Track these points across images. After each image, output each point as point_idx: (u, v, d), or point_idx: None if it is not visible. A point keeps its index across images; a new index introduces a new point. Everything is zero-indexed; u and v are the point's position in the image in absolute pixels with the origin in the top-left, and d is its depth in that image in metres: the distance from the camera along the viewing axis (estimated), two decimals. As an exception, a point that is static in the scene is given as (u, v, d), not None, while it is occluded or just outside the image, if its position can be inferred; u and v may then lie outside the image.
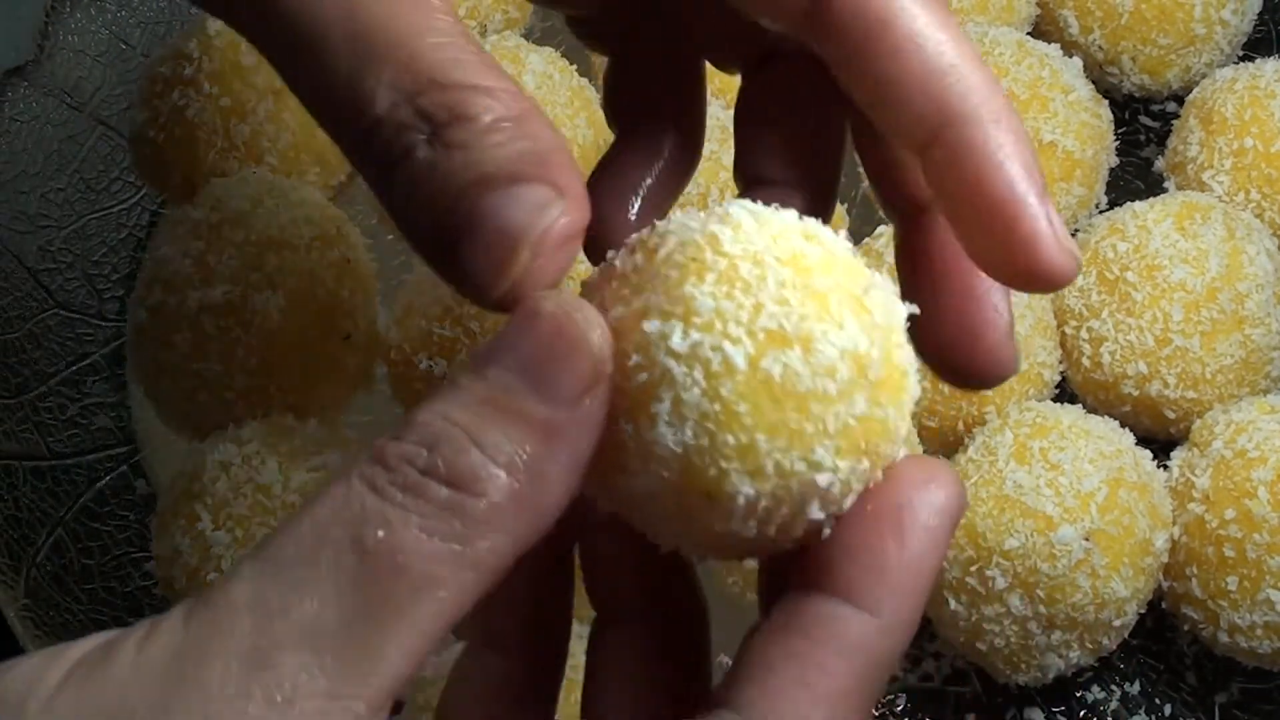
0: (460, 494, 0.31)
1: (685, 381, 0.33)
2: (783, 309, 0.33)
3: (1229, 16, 0.74)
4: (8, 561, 0.65)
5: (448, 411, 0.32)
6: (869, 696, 0.33)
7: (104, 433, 0.71)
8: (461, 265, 0.34)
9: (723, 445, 0.33)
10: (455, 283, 0.35)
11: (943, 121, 0.36)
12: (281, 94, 0.69)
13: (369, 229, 0.74)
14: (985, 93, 0.35)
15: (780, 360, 0.33)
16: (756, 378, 0.33)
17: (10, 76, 0.75)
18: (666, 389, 0.33)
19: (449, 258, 0.34)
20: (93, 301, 0.74)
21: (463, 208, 0.33)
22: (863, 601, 0.33)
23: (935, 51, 0.36)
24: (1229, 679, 0.65)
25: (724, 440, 0.33)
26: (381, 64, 0.34)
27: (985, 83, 0.36)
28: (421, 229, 0.34)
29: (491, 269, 0.33)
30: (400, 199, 0.35)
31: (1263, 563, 0.60)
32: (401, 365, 0.66)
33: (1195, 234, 0.66)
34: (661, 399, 0.33)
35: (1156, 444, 0.66)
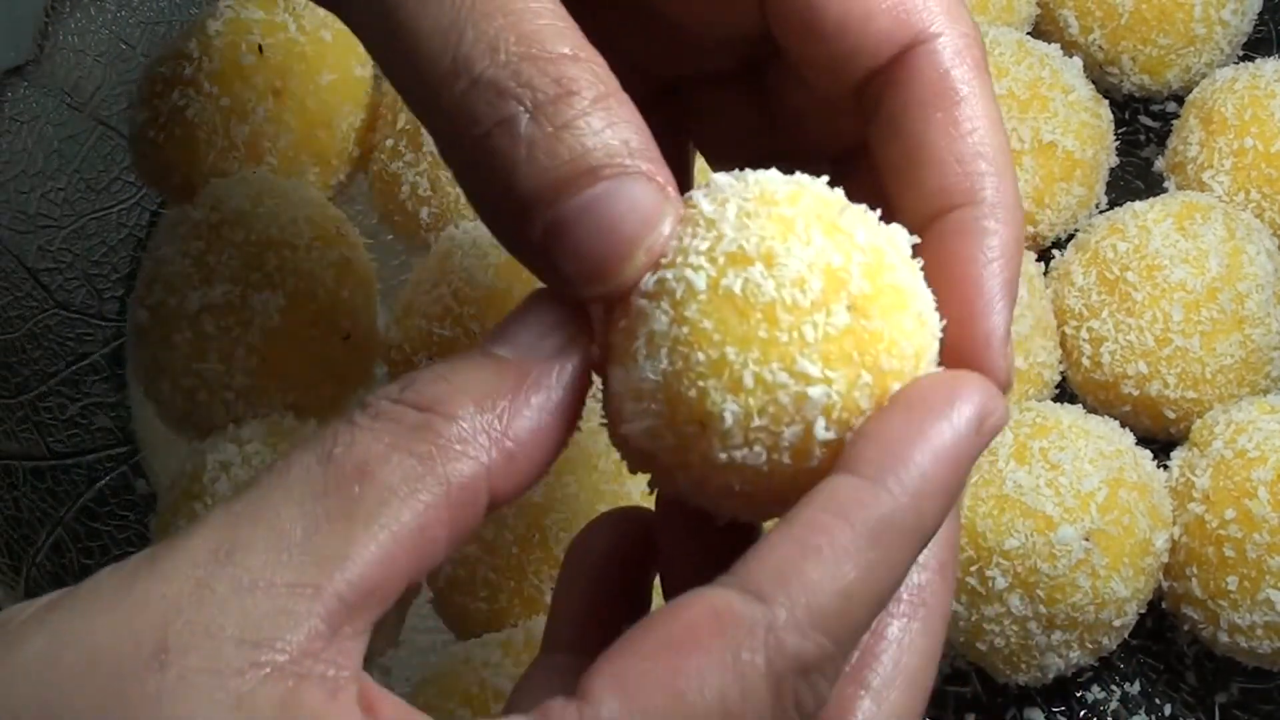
0: (429, 414, 0.32)
1: (655, 314, 0.33)
2: (742, 234, 0.33)
3: (1229, 16, 0.74)
4: (8, 561, 0.65)
5: (438, 366, 0.33)
6: (879, 560, 0.32)
7: (104, 433, 0.71)
8: (563, 259, 0.33)
9: (695, 364, 0.33)
10: (545, 272, 0.34)
11: (964, 201, 0.36)
12: (281, 94, 0.69)
13: (369, 229, 0.74)
14: (1006, 188, 0.37)
15: (741, 276, 0.33)
16: (718, 295, 0.33)
17: (10, 76, 0.75)
18: (642, 326, 0.34)
19: (548, 248, 0.33)
20: (93, 301, 0.74)
21: (569, 199, 0.33)
22: (865, 471, 0.32)
23: (977, 133, 0.37)
24: (1229, 679, 0.65)
25: (695, 359, 0.33)
26: (483, 23, 0.33)
27: (1009, 177, 0.37)
28: (513, 212, 0.34)
29: (599, 269, 0.33)
30: (492, 175, 0.34)
31: (1263, 563, 0.60)
32: (401, 365, 0.66)
33: (1195, 234, 0.66)
34: (637, 336, 0.34)
35: (1156, 444, 0.66)
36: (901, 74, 0.37)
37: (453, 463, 0.32)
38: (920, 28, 0.37)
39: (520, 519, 0.60)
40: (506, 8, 0.33)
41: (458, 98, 0.33)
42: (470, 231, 0.67)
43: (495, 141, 0.33)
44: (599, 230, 0.33)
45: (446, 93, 0.33)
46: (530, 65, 0.33)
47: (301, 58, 0.70)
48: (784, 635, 0.30)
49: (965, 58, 0.37)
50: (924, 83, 0.37)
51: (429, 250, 0.68)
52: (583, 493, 0.60)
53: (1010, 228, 0.37)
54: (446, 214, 0.69)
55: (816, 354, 0.33)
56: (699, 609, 0.31)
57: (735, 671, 0.30)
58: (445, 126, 0.34)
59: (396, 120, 0.70)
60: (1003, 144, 0.37)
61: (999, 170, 0.37)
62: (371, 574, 0.31)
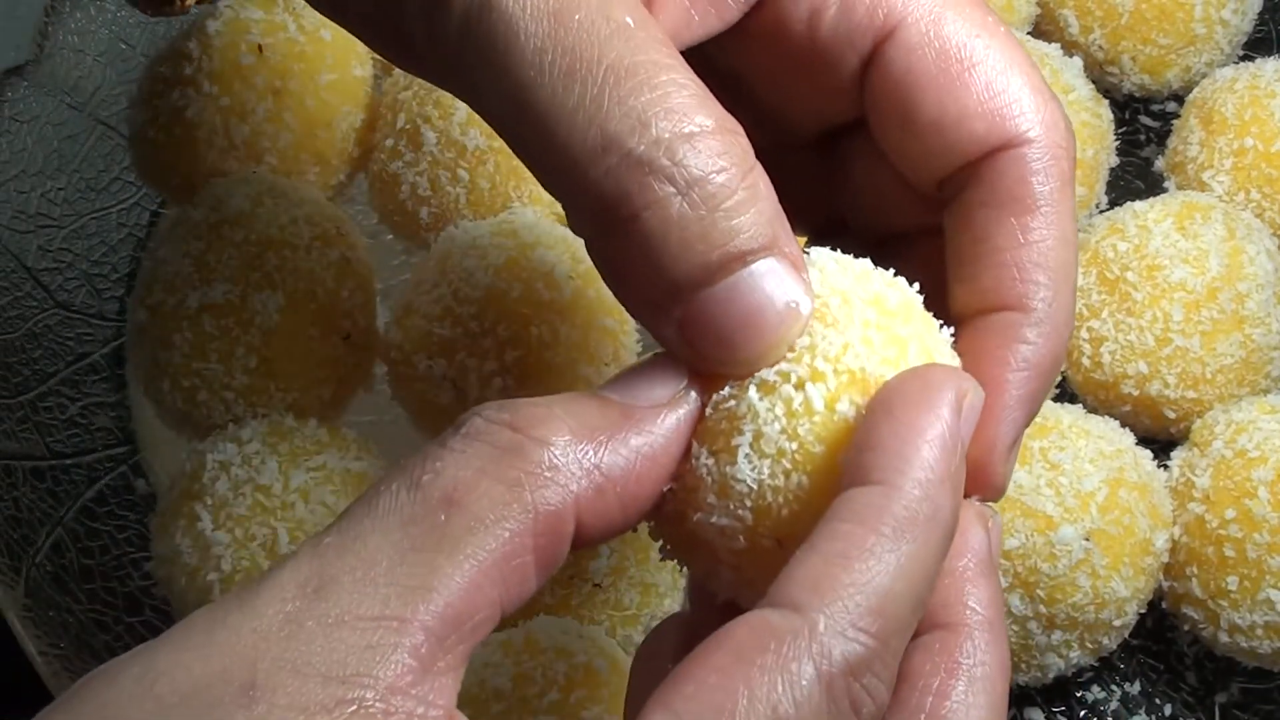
0: (521, 436, 0.31)
1: (767, 416, 0.33)
2: (865, 352, 0.34)
3: (1229, 16, 0.74)
4: (8, 561, 0.65)
5: (536, 399, 0.33)
6: (909, 553, 0.32)
7: (104, 433, 0.71)
8: (701, 340, 0.34)
9: (796, 485, 0.33)
10: (679, 348, 0.34)
11: (1013, 306, 0.37)
12: (281, 94, 0.69)
13: (369, 229, 0.74)
14: (1060, 306, 0.37)
15: (856, 404, 0.33)
16: (833, 418, 0.33)
17: (10, 76, 0.75)
18: (750, 422, 0.33)
19: (688, 328, 0.34)
20: (93, 301, 0.74)
21: (717, 284, 0.33)
22: (866, 478, 0.32)
23: (1044, 245, 0.37)
24: (1229, 679, 0.65)
25: (798, 481, 0.33)
26: (629, 99, 0.33)
27: (1066, 296, 0.37)
28: (660, 293, 0.34)
29: (735, 354, 0.34)
30: (640, 256, 0.33)
31: (1263, 562, 0.60)
32: (401, 365, 0.66)
33: (1195, 234, 0.66)
34: (743, 430, 0.33)
35: (1156, 444, 0.66)
36: (986, 172, 0.37)
37: (541, 490, 0.31)
38: (1013, 133, 0.37)
39: (520, 519, 0.60)
40: (651, 82, 0.33)
41: (604, 176, 0.33)
42: (470, 231, 0.67)
43: (646, 224, 0.33)
44: (743, 317, 0.33)
45: (594, 170, 0.33)
46: (683, 143, 0.33)
47: (301, 58, 0.70)
48: (827, 640, 0.30)
49: (1051, 170, 0.37)
50: (1004, 186, 0.37)
51: (429, 250, 0.68)
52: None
53: (1051, 344, 0.37)
54: (446, 214, 0.69)
55: None
56: (740, 632, 0.31)
57: (785, 683, 0.30)
58: (590, 205, 0.34)
59: (396, 120, 0.70)
60: (1068, 262, 0.37)
61: (1056, 286, 0.37)
62: (458, 604, 0.31)
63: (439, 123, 0.69)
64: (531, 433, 0.32)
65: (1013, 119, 0.37)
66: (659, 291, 0.34)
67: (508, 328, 0.64)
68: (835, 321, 0.34)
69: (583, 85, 0.33)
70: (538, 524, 0.31)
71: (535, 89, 0.33)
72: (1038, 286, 0.37)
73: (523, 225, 0.67)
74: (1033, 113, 0.38)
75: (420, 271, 0.67)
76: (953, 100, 0.37)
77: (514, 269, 0.65)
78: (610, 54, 0.33)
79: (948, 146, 0.38)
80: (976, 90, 0.37)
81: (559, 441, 0.32)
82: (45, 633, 0.63)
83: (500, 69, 0.34)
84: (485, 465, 0.31)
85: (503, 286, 0.64)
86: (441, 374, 0.65)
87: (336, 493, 0.61)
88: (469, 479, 0.31)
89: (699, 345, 0.34)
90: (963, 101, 0.37)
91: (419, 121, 0.69)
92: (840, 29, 0.38)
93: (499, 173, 0.69)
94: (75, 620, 0.65)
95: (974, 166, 0.38)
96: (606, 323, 0.66)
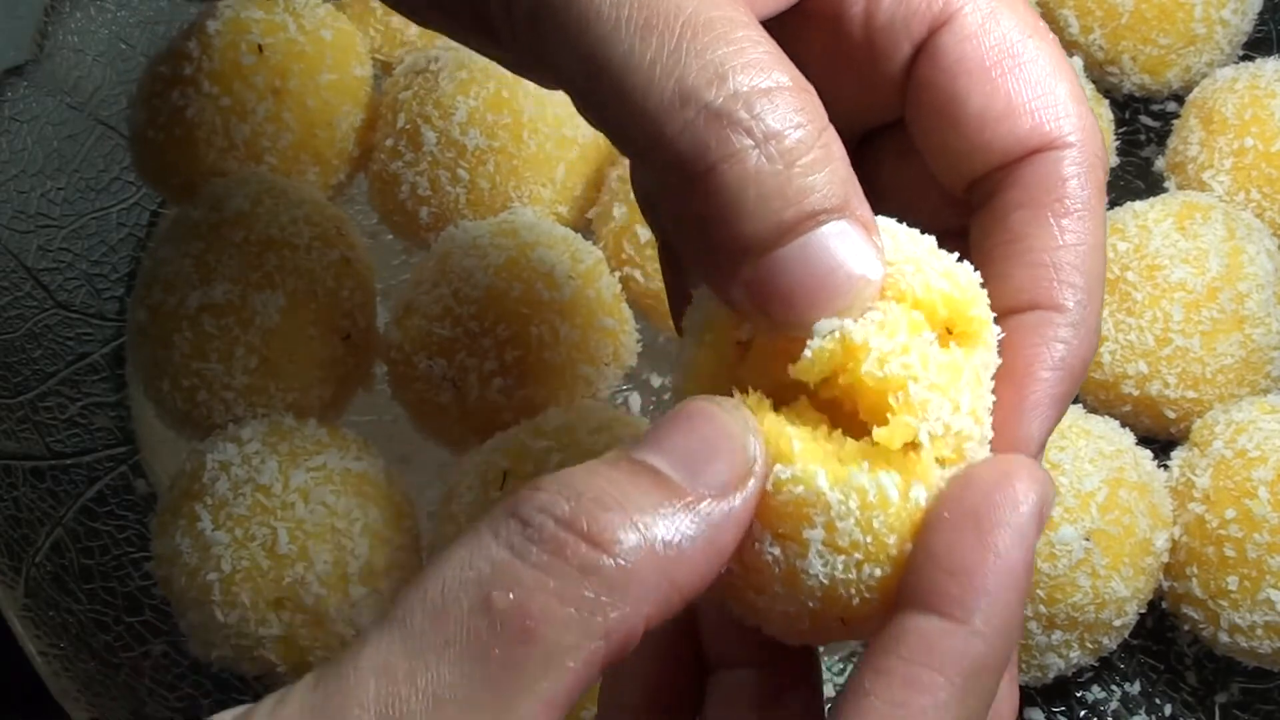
0: (597, 551, 0.31)
1: (840, 509, 0.33)
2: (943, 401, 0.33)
3: (1229, 16, 0.74)
4: (8, 561, 0.65)
5: (594, 469, 0.32)
6: (974, 708, 0.32)
7: (104, 433, 0.71)
8: (772, 300, 0.33)
9: (869, 577, 0.33)
10: (746, 306, 0.34)
11: (1047, 306, 0.37)
12: (281, 94, 0.69)
13: (369, 229, 0.74)
14: (1092, 312, 0.37)
15: (924, 489, 0.33)
16: (907, 507, 0.33)
17: (10, 76, 0.75)
18: (821, 514, 0.33)
19: (760, 285, 0.33)
20: (93, 301, 0.74)
21: (791, 240, 0.33)
22: (951, 611, 0.32)
23: (1081, 249, 0.37)
24: (1229, 679, 0.65)
25: (871, 574, 0.33)
26: (706, 52, 0.33)
27: (1097, 304, 0.37)
28: (732, 248, 0.33)
29: (806, 313, 0.33)
30: (715, 210, 0.33)
31: (1263, 562, 0.60)
32: (401, 365, 0.66)
33: (1195, 234, 0.66)
34: (815, 524, 0.33)
35: (1156, 444, 0.66)
36: (1025, 172, 0.37)
37: (617, 611, 0.31)
38: (1055, 135, 0.37)
39: (520, 519, 0.60)
40: (728, 36, 0.33)
41: (682, 130, 0.33)
42: (470, 231, 0.67)
43: (723, 177, 0.33)
44: (814, 279, 0.33)
45: (671, 124, 0.33)
46: (761, 98, 0.33)
47: (301, 57, 0.70)
48: None
49: (1089, 177, 0.37)
50: (1045, 186, 0.37)
51: (429, 250, 0.68)
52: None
53: (1083, 348, 0.37)
54: (446, 214, 0.69)
55: None
56: None
57: None
58: (667, 158, 0.33)
59: (396, 120, 0.70)
60: (1100, 271, 0.37)
61: (1090, 290, 0.37)
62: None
63: (439, 123, 0.69)
64: (605, 543, 0.31)
65: (1056, 121, 0.37)
66: (731, 249, 0.33)
67: (508, 328, 0.64)
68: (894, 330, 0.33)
69: (660, 39, 0.33)
70: (611, 648, 0.31)
71: (612, 44, 0.33)
72: (1074, 288, 0.37)
73: (523, 225, 0.67)
74: (1075, 118, 0.38)
75: (420, 271, 0.67)
76: (1001, 94, 0.37)
77: (514, 269, 0.65)
78: (687, 8, 0.33)
79: (989, 142, 0.38)
80: (1025, 87, 0.37)
81: (632, 554, 0.31)
82: (45, 633, 0.63)
83: (577, 26, 0.33)
84: (562, 589, 0.30)
85: (503, 286, 0.64)
86: (441, 374, 0.65)
87: (336, 493, 0.61)
88: (545, 606, 0.30)
89: (767, 307, 0.33)
90: (1010, 96, 0.37)
91: (419, 121, 0.69)
92: (897, 15, 0.38)
93: (499, 173, 0.69)
94: (75, 620, 0.65)
95: (1012, 167, 0.38)
96: (606, 323, 0.66)
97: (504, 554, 0.30)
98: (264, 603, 0.60)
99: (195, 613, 0.61)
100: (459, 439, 0.66)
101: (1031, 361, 0.36)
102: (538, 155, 0.69)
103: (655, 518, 0.31)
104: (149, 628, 0.66)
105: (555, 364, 0.65)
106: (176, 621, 0.63)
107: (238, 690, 0.64)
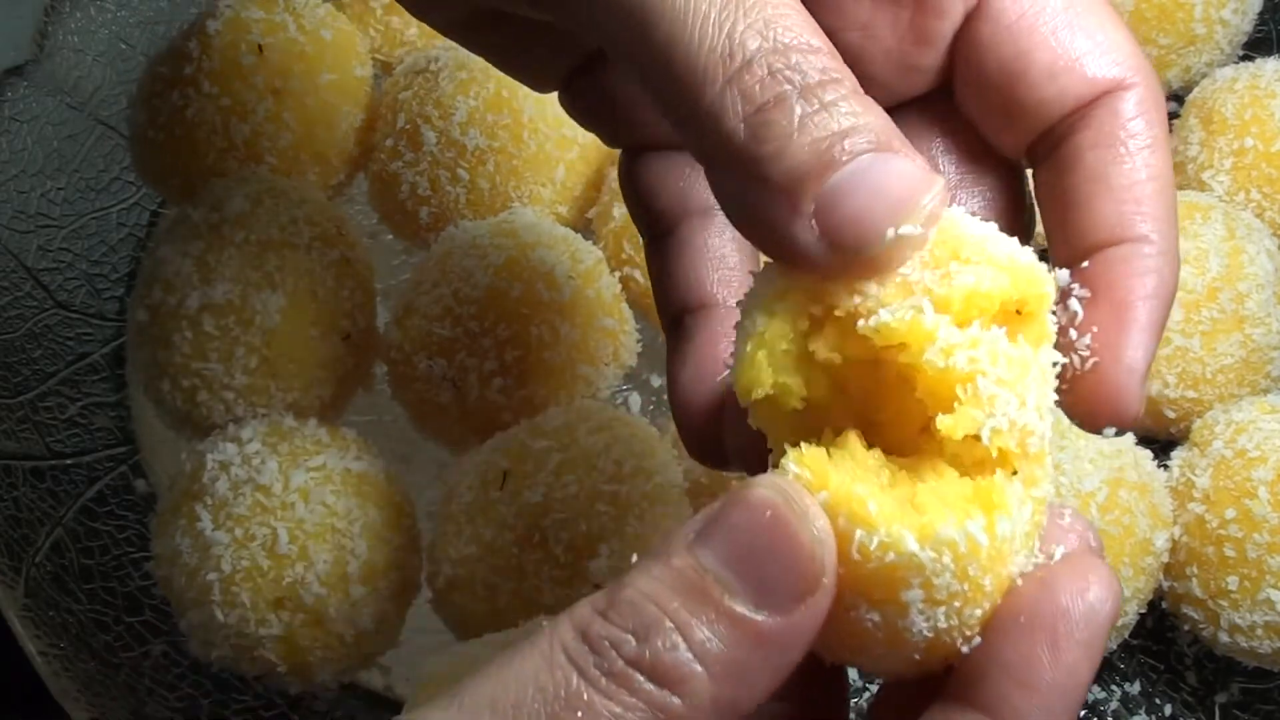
0: (663, 690, 0.31)
1: (935, 567, 0.33)
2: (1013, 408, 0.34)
3: (1229, 16, 0.74)
4: (8, 561, 0.65)
5: (658, 595, 0.32)
6: None
7: (104, 433, 0.71)
8: (838, 228, 0.33)
9: (969, 618, 0.33)
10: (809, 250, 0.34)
11: (1135, 238, 0.37)
12: (281, 94, 0.69)
13: (369, 229, 0.74)
14: (1173, 241, 0.37)
15: (1008, 522, 0.33)
16: (995, 546, 0.33)
17: (10, 76, 0.75)
18: (916, 575, 0.33)
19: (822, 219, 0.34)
20: (93, 301, 0.74)
21: (841, 168, 0.33)
22: (1011, 718, 0.33)
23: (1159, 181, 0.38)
24: (1229, 679, 0.65)
25: (972, 615, 0.33)
26: (751, 12, 0.34)
27: (1175, 232, 0.38)
28: (787, 184, 0.34)
29: (872, 232, 0.33)
30: (767, 149, 0.34)
31: (1263, 562, 0.60)
32: (401, 365, 0.66)
33: (1195, 234, 0.66)
34: (912, 585, 0.33)
35: (1156, 444, 0.66)
36: (1096, 115, 0.38)
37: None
38: (1124, 75, 0.38)
39: (520, 519, 0.60)
40: (770, 2, 0.35)
41: (732, 76, 0.34)
42: (470, 231, 0.67)
43: (770, 115, 0.34)
44: (873, 192, 0.33)
45: (722, 73, 0.34)
46: (797, 54, 0.34)
47: (301, 58, 0.70)
48: None
49: (1157, 113, 0.38)
50: (1119, 123, 0.38)
51: (429, 250, 0.68)
52: (582, 493, 0.60)
53: (1171, 276, 0.37)
54: (446, 214, 0.69)
55: None
56: None
57: None
58: (718, 106, 0.35)
59: (396, 120, 0.70)
60: (1173, 202, 0.38)
61: (1170, 222, 0.38)
62: None
63: (439, 123, 0.69)
64: (674, 685, 0.31)
65: (1121, 64, 0.39)
66: (790, 187, 0.34)
67: (508, 328, 0.64)
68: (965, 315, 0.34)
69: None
70: None
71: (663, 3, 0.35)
72: (1157, 219, 0.38)
73: (523, 225, 0.67)
74: (1136, 59, 0.39)
75: (420, 271, 0.67)
76: (1066, 44, 0.38)
77: (514, 269, 0.65)
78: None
79: (1062, 90, 0.38)
80: (1087, 35, 0.39)
81: (697, 691, 0.32)
82: (45, 633, 0.63)
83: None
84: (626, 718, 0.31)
85: (503, 286, 0.64)
86: (441, 374, 0.65)
87: (336, 493, 0.61)
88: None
89: (837, 233, 0.33)
90: (1076, 45, 0.38)
91: (419, 121, 0.69)
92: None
93: (499, 173, 0.69)
94: (75, 620, 0.65)
95: (1083, 111, 0.38)
96: (606, 323, 0.66)
97: (574, 678, 0.31)
98: (264, 603, 0.60)
99: (195, 613, 0.61)
100: (459, 439, 0.66)
101: (1129, 292, 0.37)
102: (538, 155, 0.69)
103: (719, 649, 0.32)
104: (149, 628, 0.66)
105: (555, 364, 0.65)
106: (176, 621, 0.63)
107: (238, 690, 0.64)
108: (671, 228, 0.44)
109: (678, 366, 0.42)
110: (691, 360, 0.42)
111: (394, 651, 0.64)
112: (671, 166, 0.45)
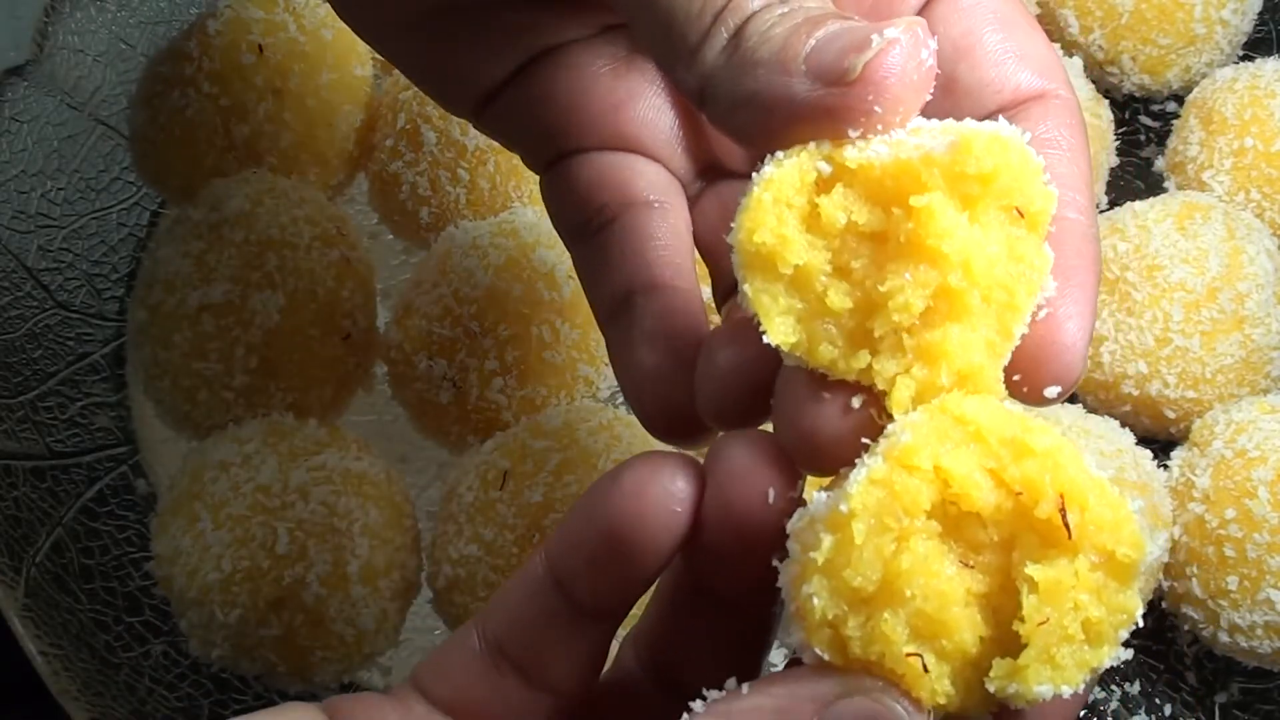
0: None
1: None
2: None
3: (1229, 16, 0.74)
4: (8, 561, 0.65)
5: None
6: None
7: (104, 433, 0.71)
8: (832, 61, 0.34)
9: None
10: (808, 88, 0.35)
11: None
12: (281, 94, 0.69)
13: (369, 229, 0.74)
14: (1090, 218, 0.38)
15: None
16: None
17: (10, 76, 0.75)
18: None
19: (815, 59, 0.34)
20: (93, 301, 0.74)
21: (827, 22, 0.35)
22: None
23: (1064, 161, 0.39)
24: (1229, 679, 0.65)
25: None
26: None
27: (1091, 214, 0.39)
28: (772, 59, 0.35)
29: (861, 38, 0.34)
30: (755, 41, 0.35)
31: (1263, 562, 0.60)
32: (401, 365, 0.66)
33: (1195, 234, 0.66)
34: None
35: (1156, 444, 0.66)
36: (1026, 115, 0.39)
37: None
38: (1049, 87, 0.40)
39: (520, 519, 0.60)
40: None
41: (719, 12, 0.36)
42: (470, 231, 0.67)
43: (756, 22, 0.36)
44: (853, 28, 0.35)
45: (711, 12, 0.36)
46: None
47: (301, 57, 0.70)
48: None
49: (1079, 127, 0.40)
50: (1046, 127, 0.39)
51: (429, 250, 0.68)
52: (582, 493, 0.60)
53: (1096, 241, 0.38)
54: (446, 214, 0.69)
55: None
56: None
57: None
58: (712, 35, 0.36)
59: (396, 120, 0.70)
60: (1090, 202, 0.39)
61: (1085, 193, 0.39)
62: None
63: (439, 123, 0.69)
64: None
65: (1050, 74, 0.40)
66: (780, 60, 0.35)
67: (508, 328, 0.64)
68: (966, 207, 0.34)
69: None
70: None
71: None
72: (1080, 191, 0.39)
73: (523, 225, 0.67)
74: (1063, 74, 0.41)
75: (420, 271, 0.67)
76: (1009, 40, 0.40)
77: (514, 269, 0.65)
78: None
79: (1004, 78, 0.40)
80: (1025, 41, 0.40)
81: None
82: (45, 633, 0.63)
83: None
84: None
85: (503, 286, 0.64)
86: (441, 374, 0.65)
87: (336, 492, 0.61)
88: None
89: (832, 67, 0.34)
90: (1016, 44, 0.40)
91: (419, 121, 0.69)
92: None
93: (499, 173, 0.69)
94: (75, 620, 0.65)
95: (1016, 110, 0.40)
96: (606, 323, 0.66)
97: None
98: (264, 603, 0.60)
99: (195, 613, 0.61)
100: (459, 439, 0.66)
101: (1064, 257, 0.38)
102: (538, 155, 0.69)
103: None
104: (149, 628, 0.65)
105: (555, 364, 0.65)
106: (176, 621, 0.63)
107: (238, 690, 0.64)
108: (614, 217, 0.45)
109: (633, 342, 0.42)
110: (648, 335, 0.42)
111: (394, 651, 0.64)
112: (609, 162, 0.45)
